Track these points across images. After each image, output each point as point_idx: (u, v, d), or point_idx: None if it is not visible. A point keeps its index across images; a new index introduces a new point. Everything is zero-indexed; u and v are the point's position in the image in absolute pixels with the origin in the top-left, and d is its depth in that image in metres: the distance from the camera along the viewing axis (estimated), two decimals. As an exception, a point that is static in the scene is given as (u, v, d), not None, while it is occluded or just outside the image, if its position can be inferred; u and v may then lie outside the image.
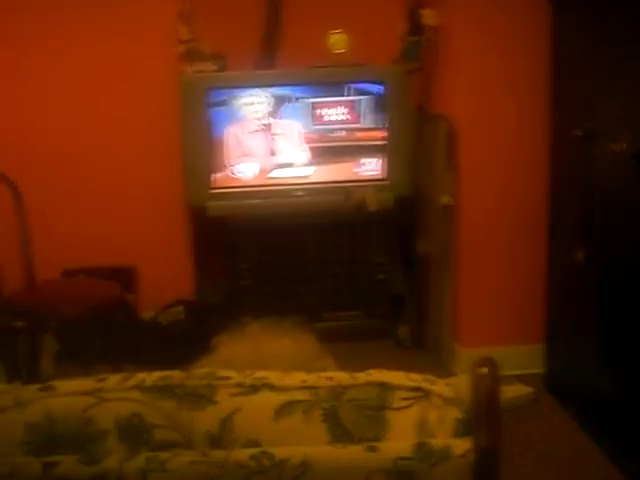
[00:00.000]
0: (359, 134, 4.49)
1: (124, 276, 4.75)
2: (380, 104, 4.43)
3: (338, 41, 4.49)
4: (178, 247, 4.74)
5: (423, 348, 4.52)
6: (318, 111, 4.44)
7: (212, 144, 4.43)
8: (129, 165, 4.63)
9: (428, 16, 4.31)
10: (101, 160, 4.62)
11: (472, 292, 4.30)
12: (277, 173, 4.51)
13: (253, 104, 4.39)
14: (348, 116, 4.45)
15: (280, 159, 4.47)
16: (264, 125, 4.42)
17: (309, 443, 1.30)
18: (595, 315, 3.60)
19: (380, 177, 4.51)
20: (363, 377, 1.38)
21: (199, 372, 1.39)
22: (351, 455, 1.28)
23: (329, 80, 4.46)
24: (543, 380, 4.17)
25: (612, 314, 3.44)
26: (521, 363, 4.23)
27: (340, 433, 1.31)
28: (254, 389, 1.35)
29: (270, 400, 1.34)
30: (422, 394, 1.36)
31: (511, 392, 4.01)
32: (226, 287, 4.73)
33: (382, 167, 4.50)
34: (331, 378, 1.38)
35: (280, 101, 4.44)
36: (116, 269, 4.72)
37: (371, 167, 4.51)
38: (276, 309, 4.61)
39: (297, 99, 4.45)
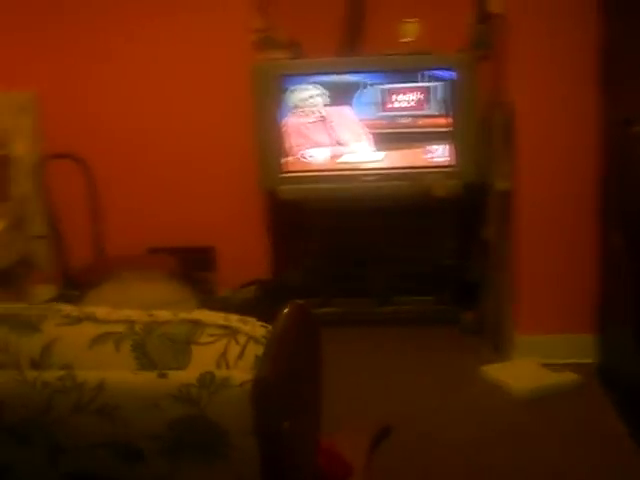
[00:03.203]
0: (427, 121, 4.56)
1: (204, 255, 4.98)
2: (449, 91, 4.49)
3: (409, 29, 4.58)
4: (255, 228, 4.92)
5: (485, 334, 4.55)
6: (388, 98, 4.54)
7: (283, 130, 4.59)
8: (207, 150, 4.84)
9: (494, 3, 4.34)
10: (181, 146, 4.85)
11: (531, 278, 4.31)
12: (347, 158, 4.63)
13: (309, 97, 4.53)
14: (417, 103, 4.53)
15: (343, 147, 4.59)
16: (321, 116, 4.55)
17: (116, 370, 1.43)
18: (634, 303, 3.58)
19: (448, 164, 4.57)
20: (182, 315, 1.50)
21: (39, 304, 1.54)
22: (143, 380, 1.41)
23: (400, 67, 4.55)
24: (596, 369, 4.14)
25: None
26: (577, 351, 4.22)
27: (146, 363, 1.43)
28: (77, 320, 1.50)
29: (89, 330, 1.48)
30: (230, 332, 1.47)
31: (556, 378, 4.02)
32: (300, 268, 4.88)
33: (450, 154, 4.56)
34: (152, 314, 1.51)
35: (351, 88, 4.56)
36: (196, 249, 4.95)
37: (439, 154, 4.58)
38: (345, 291, 4.77)
39: (369, 85, 4.55)
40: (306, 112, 4.60)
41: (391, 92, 4.53)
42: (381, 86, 4.54)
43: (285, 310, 1.50)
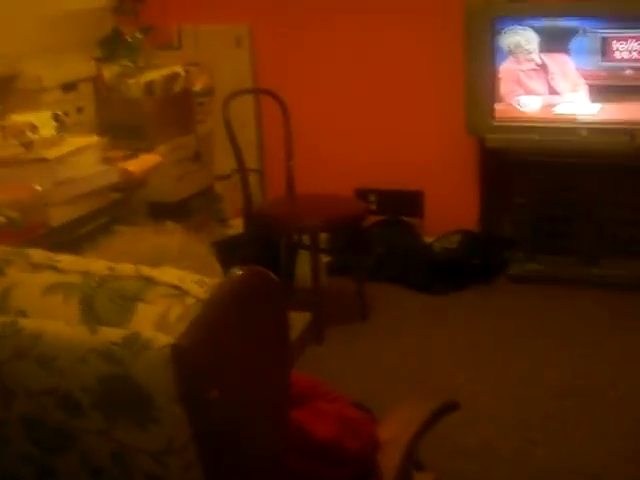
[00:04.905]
0: (650, 73, 4.24)
1: (411, 200, 4.91)
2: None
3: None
4: (464, 177, 4.78)
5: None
6: (608, 46, 4.24)
7: (495, 75, 4.41)
8: (416, 92, 4.73)
9: None
10: (390, 88, 4.77)
11: None
12: (561, 108, 4.39)
13: (525, 42, 4.30)
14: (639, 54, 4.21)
15: (559, 96, 4.35)
16: (538, 63, 4.32)
17: (60, 321, 1.43)
18: None
19: (671, 122, 4.23)
20: (142, 271, 1.48)
21: (18, 250, 1.57)
22: (76, 334, 1.40)
23: (619, 12, 4.24)
24: None
25: None
26: None
27: (90, 316, 1.42)
28: (38, 268, 1.51)
29: (46, 279, 1.48)
30: (179, 293, 1.43)
31: None
32: (507, 222, 4.71)
33: (673, 111, 4.22)
34: (113, 268, 1.49)
35: (568, 33, 4.30)
36: (404, 192, 4.89)
37: (662, 110, 4.25)
38: (551, 249, 4.55)
39: (587, 32, 4.28)
40: (521, 58, 4.39)
41: (611, 40, 4.22)
42: (600, 33, 4.24)
43: (236, 274, 1.44)
